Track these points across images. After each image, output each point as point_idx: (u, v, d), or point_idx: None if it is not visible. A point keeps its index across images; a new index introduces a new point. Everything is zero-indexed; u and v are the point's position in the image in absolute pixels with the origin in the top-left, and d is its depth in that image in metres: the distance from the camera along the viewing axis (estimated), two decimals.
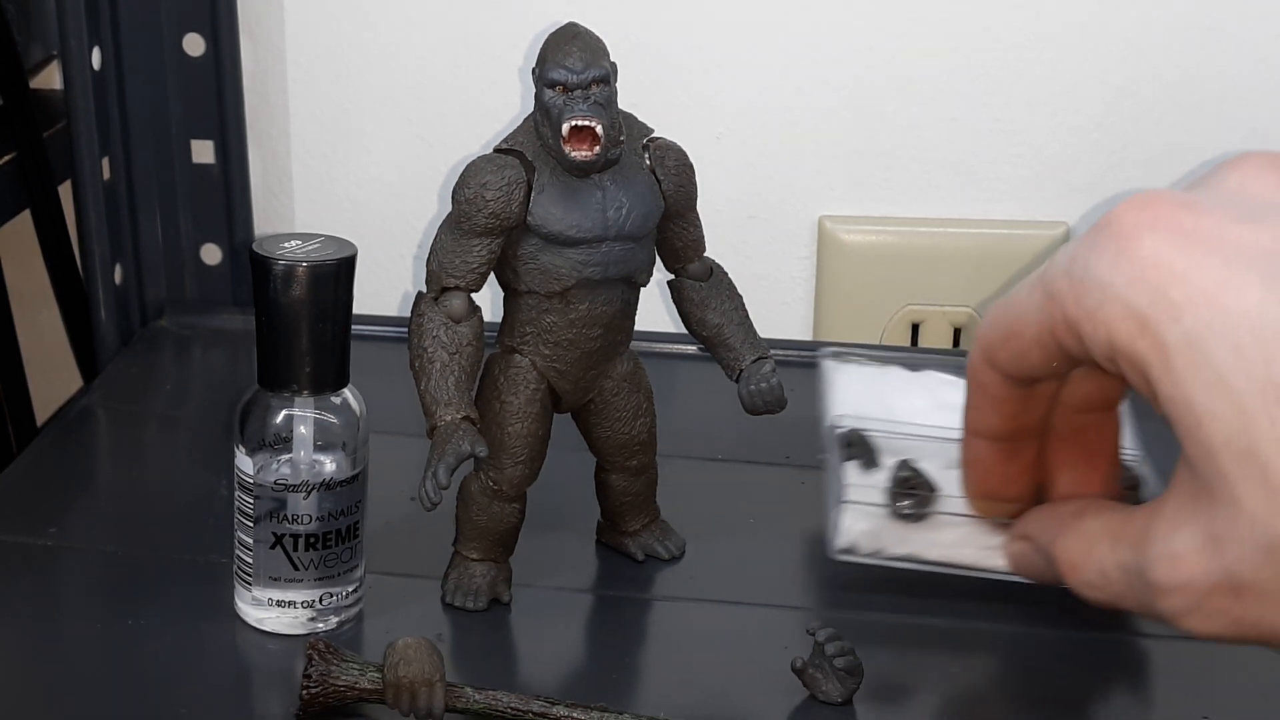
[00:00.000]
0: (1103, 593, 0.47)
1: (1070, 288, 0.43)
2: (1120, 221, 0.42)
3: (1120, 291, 0.41)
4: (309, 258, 0.55)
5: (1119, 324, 0.41)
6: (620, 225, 0.57)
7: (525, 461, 0.60)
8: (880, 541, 0.62)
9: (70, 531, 0.65)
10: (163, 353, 0.84)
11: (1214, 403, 0.39)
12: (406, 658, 0.52)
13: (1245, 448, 0.39)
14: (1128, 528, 0.45)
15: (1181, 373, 0.40)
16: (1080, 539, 0.47)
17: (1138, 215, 0.42)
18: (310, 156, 0.91)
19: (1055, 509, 0.51)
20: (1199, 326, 0.40)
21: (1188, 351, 0.40)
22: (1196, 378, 0.39)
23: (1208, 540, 0.40)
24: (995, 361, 0.48)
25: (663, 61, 0.87)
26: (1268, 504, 0.38)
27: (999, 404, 0.50)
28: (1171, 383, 0.40)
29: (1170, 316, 0.40)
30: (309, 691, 0.53)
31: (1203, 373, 0.39)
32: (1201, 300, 0.40)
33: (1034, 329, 0.45)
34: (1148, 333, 0.41)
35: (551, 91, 0.55)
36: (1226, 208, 0.42)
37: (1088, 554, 0.47)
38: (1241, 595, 0.40)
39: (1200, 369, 0.39)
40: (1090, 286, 0.42)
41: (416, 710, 0.52)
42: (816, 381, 0.70)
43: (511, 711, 0.53)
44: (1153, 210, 0.42)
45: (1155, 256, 0.41)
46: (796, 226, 0.90)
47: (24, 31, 0.84)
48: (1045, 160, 0.88)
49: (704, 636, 0.60)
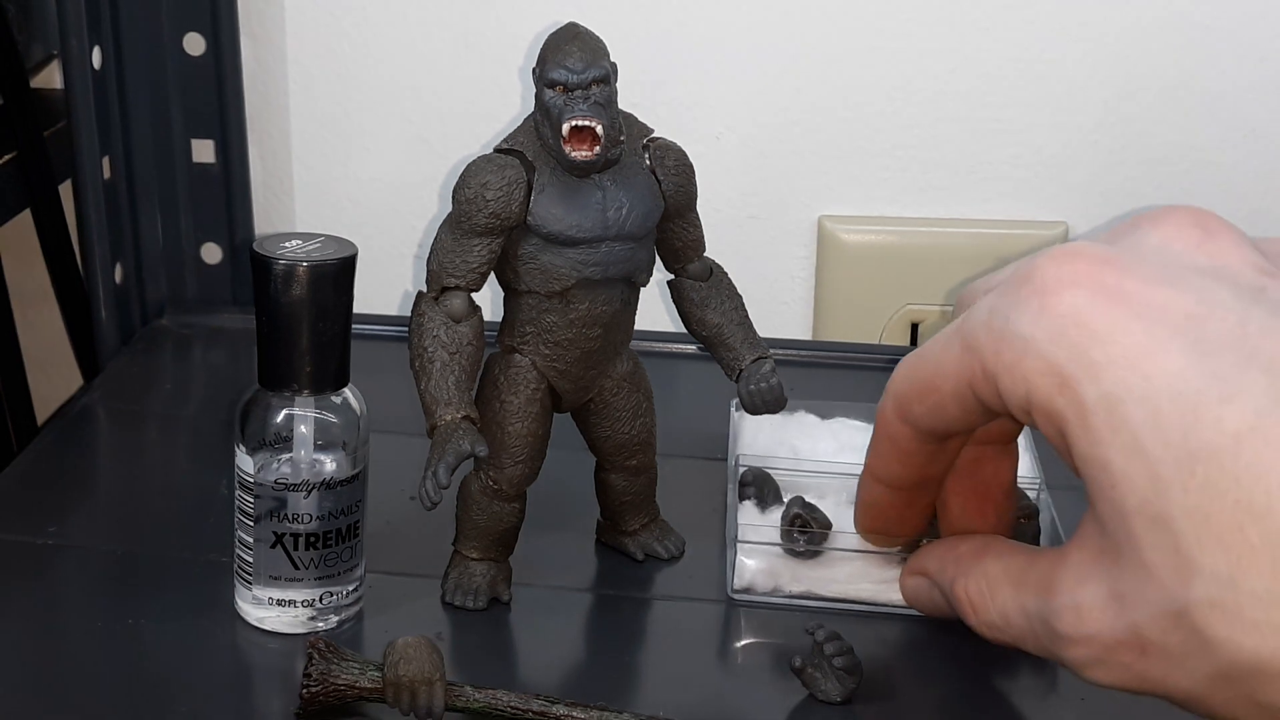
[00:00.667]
0: (1004, 634, 0.46)
1: (990, 340, 0.42)
2: (1042, 275, 0.41)
3: (1041, 347, 0.41)
4: (309, 257, 0.55)
5: (1038, 379, 0.41)
6: (620, 225, 0.57)
7: (525, 461, 0.60)
8: (776, 580, 0.62)
9: (70, 531, 0.65)
10: (163, 352, 0.85)
11: (1129, 467, 0.39)
12: (407, 656, 0.52)
13: (1157, 514, 0.38)
14: (1031, 573, 0.44)
15: (1098, 433, 0.39)
16: (981, 580, 0.47)
17: (1059, 270, 0.41)
18: (310, 156, 0.91)
19: (953, 546, 0.50)
20: (1118, 389, 0.39)
21: (1106, 413, 0.39)
22: (1113, 440, 0.39)
23: (1113, 597, 0.40)
24: (909, 415, 0.47)
25: (663, 61, 0.87)
26: (1176, 572, 0.38)
27: (907, 457, 0.49)
28: (1088, 442, 0.40)
29: (1089, 376, 0.40)
30: (309, 690, 0.53)
31: (1120, 436, 0.39)
32: (1122, 363, 0.39)
33: (952, 382, 0.44)
34: (1067, 390, 0.40)
35: (551, 91, 0.55)
36: (1148, 266, 0.41)
37: (989, 596, 0.46)
38: (1146, 653, 0.40)
39: (1117, 432, 0.39)
40: (1010, 340, 0.42)
41: (416, 709, 0.52)
42: (817, 381, 0.70)
43: (511, 710, 0.53)
44: (1075, 265, 0.41)
45: (1076, 314, 0.40)
46: (796, 226, 0.90)
47: (24, 31, 0.84)
48: (1045, 160, 0.88)
49: (703, 636, 0.60)
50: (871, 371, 0.84)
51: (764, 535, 0.62)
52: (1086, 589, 0.41)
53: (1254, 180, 0.88)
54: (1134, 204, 0.89)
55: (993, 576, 0.46)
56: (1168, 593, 0.38)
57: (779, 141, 0.89)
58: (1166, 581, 0.38)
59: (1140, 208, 0.89)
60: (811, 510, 0.62)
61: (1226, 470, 0.37)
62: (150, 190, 0.86)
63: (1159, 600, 0.38)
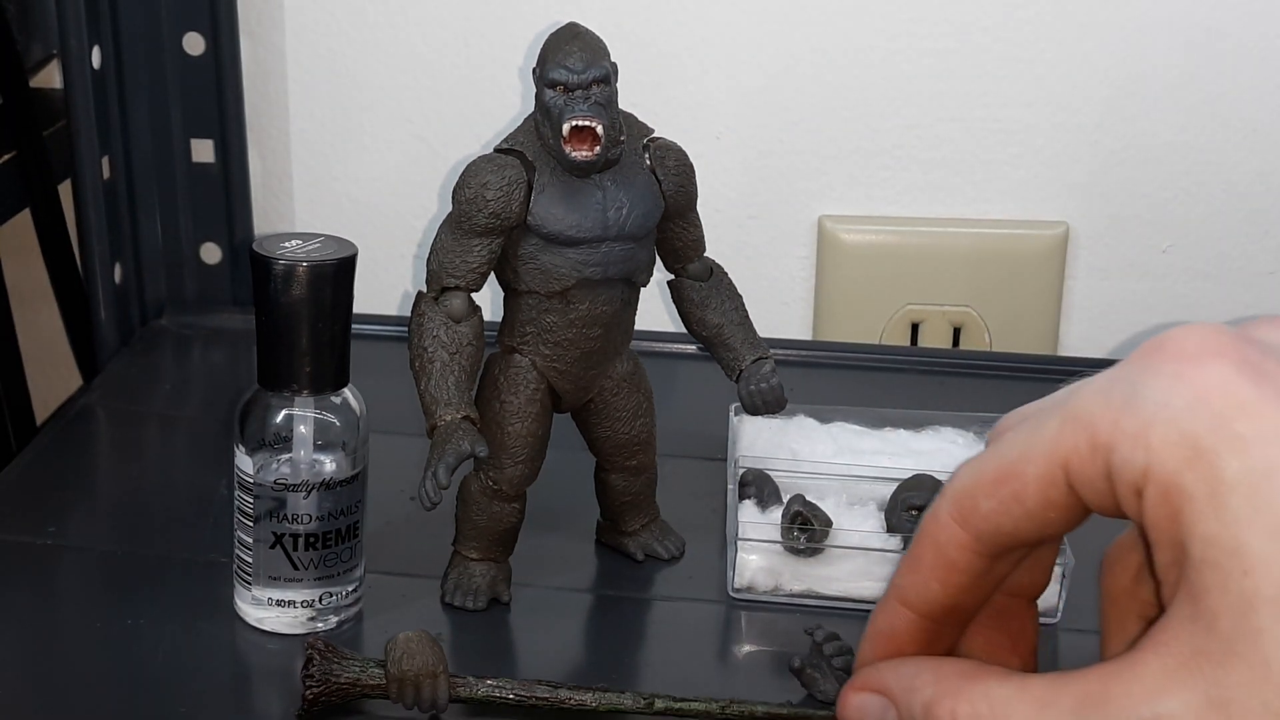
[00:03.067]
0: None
1: (1107, 410, 0.38)
2: (1180, 343, 0.38)
3: (1176, 414, 0.37)
4: (309, 257, 0.55)
5: (1166, 450, 0.37)
6: (620, 225, 0.57)
7: (525, 461, 0.60)
8: (777, 578, 0.62)
9: (70, 531, 0.65)
10: (163, 352, 0.84)
11: (1273, 550, 0.35)
12: (409, 651, 0.53)
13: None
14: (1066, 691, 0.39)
15: (1236, 512, 0.36)
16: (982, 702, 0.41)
17: (1200, 339, 0.38)
18: (310, 156, 0.91)
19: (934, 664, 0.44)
20: (1268, 465, 0.36)
21: (1248, 490, 0.36)
22: (1254, 520, 0.36)
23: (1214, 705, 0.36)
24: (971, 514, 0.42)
25: (663, 61, 0.87)
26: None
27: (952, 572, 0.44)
28: (1219, 522, 0.36)
29: (1232, 450, 0.36)
30: (312, 691, 0.53)
31: (1263, 516, 0.36)
32: (1273, 438, 0.36)
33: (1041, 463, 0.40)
34: (1200, 463, 0.37)
35: (552, 91, 0.55)
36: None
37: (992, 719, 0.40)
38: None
39: (1260, 512, 0.36)
40: (1137, 406, 0.38)
41: (420, 702, 0.53)
42: (817, 381, 0.70)
43: (515, 699, 0.53)
44: (1215, 337, 0.38)
45: (1222, 384, 0.37)
46: (796, 226, 0.90)
47: (24, 31, 0.84)
48: (1045, 160, 0.88)
49: (703, 636, 0.60)
50: (872, 371, 0.84)
51: (765, 533, 0.62)
52: (1173, 698, 0.36)
53: (1254, 180, 0.88)
54: (1134, 204, 0.89)
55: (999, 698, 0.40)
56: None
57: (779, 141, 0.89)
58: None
59: (1140, 207, 0.89)
60: (812, 508, 0.62)
61: None
62: (150, 190, 0.86)
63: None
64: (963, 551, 0.43)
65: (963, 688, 0.41)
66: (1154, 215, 0.89)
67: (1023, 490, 0.41)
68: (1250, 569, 0.36)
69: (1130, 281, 0.90)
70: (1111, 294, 0.91)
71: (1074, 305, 0.91)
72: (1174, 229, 0.89)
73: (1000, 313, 0.89)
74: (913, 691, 0.43)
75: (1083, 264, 0.90)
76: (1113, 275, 0.90)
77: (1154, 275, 0.90)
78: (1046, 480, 0.40)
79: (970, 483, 0.42)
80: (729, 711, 0.54)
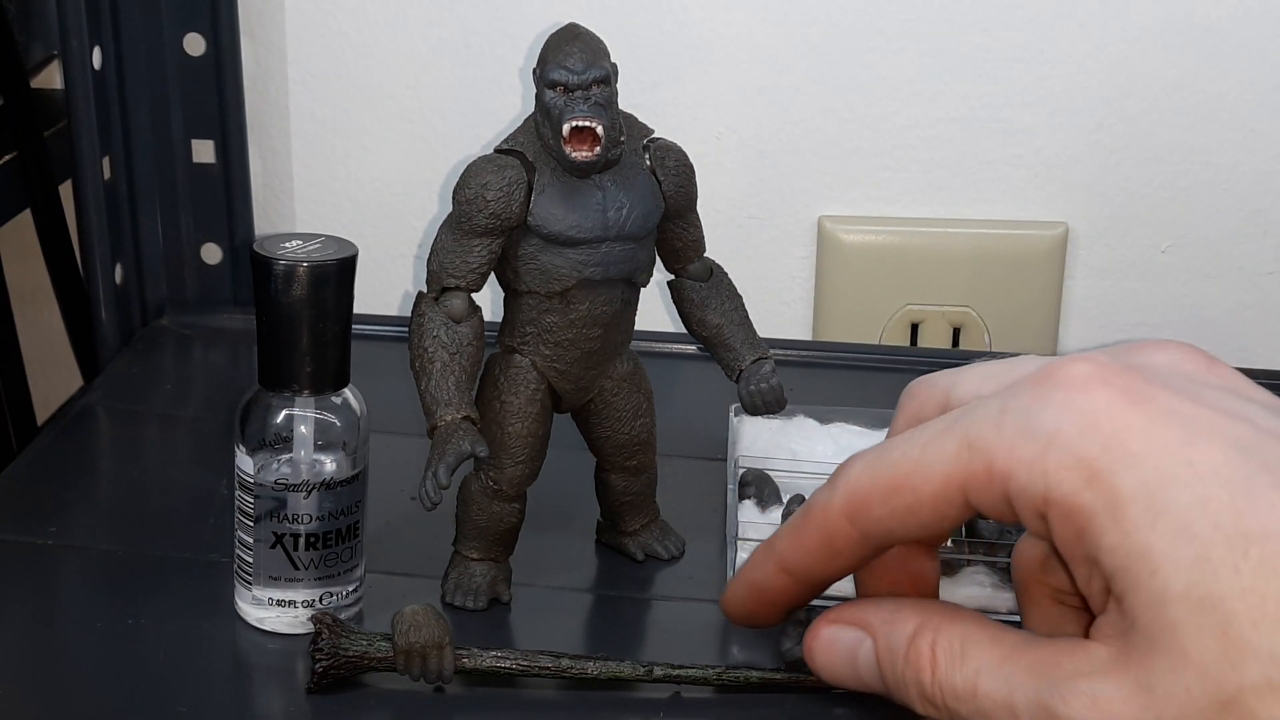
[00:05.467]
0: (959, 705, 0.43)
1: (1002, 439, 0.41)
2: (1067, 373, 0.41)
3: (1069, 440, 0.40)
4: (310, 258, 0.55)
5: (1062, 474, 0.40)
6: (620, 226, 0.57)
7: (525, 461, 0.60)
8: None
9: (70, 531, 0.65)
10: (163, 352, 0.85)
11: (1175, 550, 0.38)
12: (416, 624, 0.54)
13: (1204, 597, 0.37)
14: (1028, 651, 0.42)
15: (1136, 520, 0.38)
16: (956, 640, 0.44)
17: (1086, 369, 0.40)
18: (310, 156, 0.91)
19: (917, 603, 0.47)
20: (1159, 476, 0.38)
21: (1146, 499, 0.38)
22: (1155, 525, 0.38)
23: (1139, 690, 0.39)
24: (864, 517, 0.45)
25: (663, 62, 0.87)
26: (1225, 656, 0.37)
27: (835, 558, 0.47)
28: (1121, 532, 0.39)
29: (1127, 466, 0.39)
30: (321, 664, 0.54)
31: (1163, 520, 0.38)
32: (1163, 452, 0.39)
33: (937, 482, 0.43)
34: (1098, 482, 0.39)
35: (552, 92, 0.55)
36: (1168, 379, 0.41)
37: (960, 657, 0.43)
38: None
39: (1160, 516, 0.38)
40: (1031, 435, 0.40)
41: (427, 674, 0.54)
42: (817, 382, 0.70)
43: (519, 669, 0.55)
44: (1102, 367, 0.41)
45: (1110, 409, 0.40)
46: (796, 226, 0.90)
47: (24, 31, 0.84)
48: (1045, 160, 0.88)
49: (703, 636, 0.60)
50: (872, 372, 0.84)
51: (765, 533, 0.62)
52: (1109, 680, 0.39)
53: (1254, 180, 0.88)
54: (1134, 204, 0.89)
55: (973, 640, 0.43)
56: (1213, 680, 0.37)
57: (779, 141, 0.89)
58: (1211, 668, 0.37)
59: (1140, 208, 0.89)
60: None
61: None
62: (150, 190, 0.86)
63: (1200, 690, 0.37)
64: (849, 544, 0.46)
65: (943, 625, 0.44)
66: (1154, 215, 0.89)
67: (917, 505, 0.43)
68: (1157, 569, 0.38)
69: (1130, 281, 0.90)
70: (1111, 294, 0.91)
71: (1073, 305, 0.91)
72: (1174, 229, 0.89)
73: (1000, 313, 0.89)
74: (895, 624, 0.46)
75: (1082, 264, 0.90)
76: (1112, 275, 0.90)
77: (1154, 275, 0.90)
78: (942, 499, 0.43)
79: (866, 485, 0.44)
80: (724, 677, 0.55)
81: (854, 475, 0.45)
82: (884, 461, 0.44)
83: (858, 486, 0.45)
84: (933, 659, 0.44)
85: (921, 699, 0.44)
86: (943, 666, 0.44)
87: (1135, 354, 0.44)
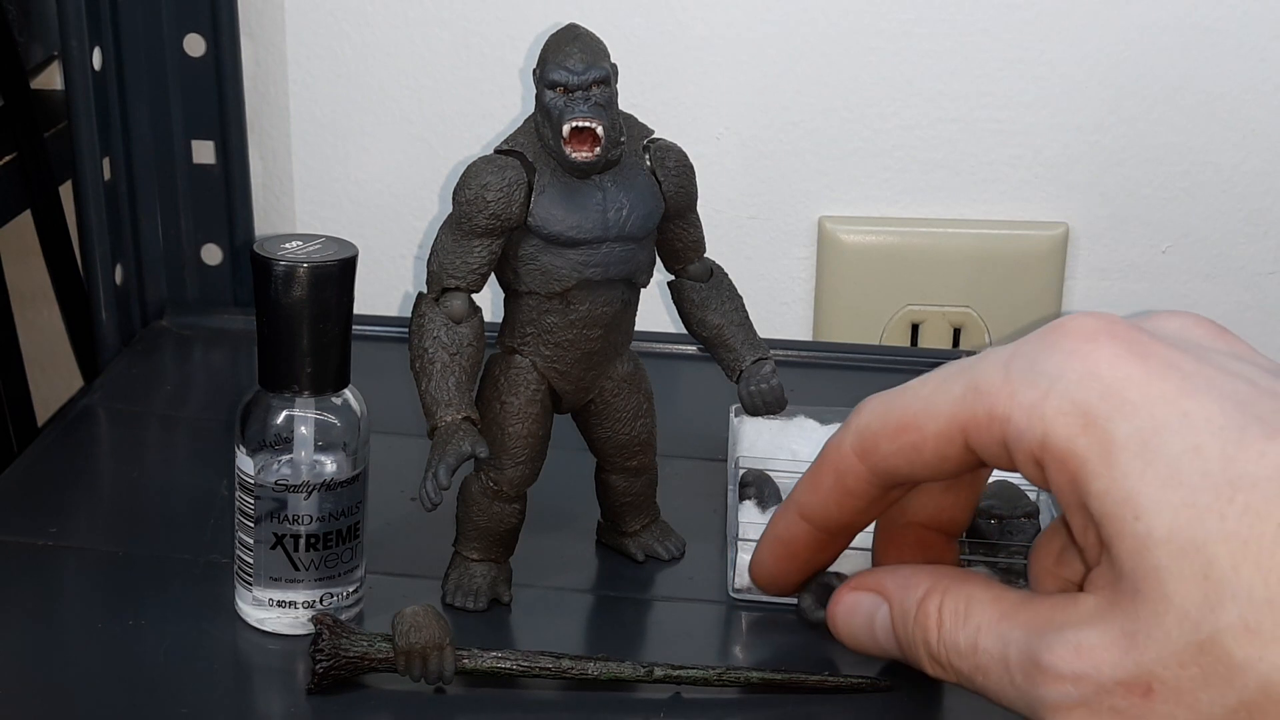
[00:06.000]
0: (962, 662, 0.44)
1: (1006, 382, 0.42)
2: (1077, 326, 0.42)
3: (1067, 387, 0.41)
4: (310, 258, 0.55)
5: (1059, 419, 0.41)
6: (621, 226, 0.57)
7: (525, 462, 0.60)
8: None
9: (70, 531, 0.65)
10: (163, 353, 0.85)
11: (1162, 496, 0.38)
12: (417, 624, 0.54)
13: (1189, 542, 0.38)
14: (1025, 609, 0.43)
15: (1126, 466, 0.39)
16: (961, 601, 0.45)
17: (1096, 324, 0.42)
18: (310, 156, 0.91)
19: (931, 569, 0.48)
20: (1153, 424, 0.39)
21: (1138, 446, 0.39)
22: (1145, 472, 0.39)
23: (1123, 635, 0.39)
24: (872, 454, 0.46)
25: (663, 61, 0.87)
26: (1205, 599, 0.37)
27: (849, 498, 0.48)
28: (1110, 478, 0.39)
29: (1122, 414, 0.40)
30: (322, 665, 0.54)
31: (1153, 468, 0.39)
32: (1159, 401, 0.39)
33: (941, 422, 0.44)
34: (1092, 429, 0.40)
35: (552, 92, 0.55)
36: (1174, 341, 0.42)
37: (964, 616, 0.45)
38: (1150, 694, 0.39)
39: (1151, 464, 0.39)
40: (1033, 380, 0.41)
41: (427, 674, 0.54)
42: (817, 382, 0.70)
43: (519, 669, 0.55)
44: (1110, 323, 0.42)
45: (1111, 360, 0.41)
46: (796, 226, 0.90)
47: (24, 31, 0.84)
48: (1045, 160, 0.88)
49: (703, 636, 0.60)
50: (872, 373, 0.83)
51: None
52: (1093, 628, 0.40)
53: (1254, 180, 0.88)
54: (1134, 204, 0.89)
55: (977, 599, 0.45)
56: (1191, 622, 0.38)
57: (779, 142, 0.89)
58: (1191, 611, 0.38)
59: (1140, 208, 0.89)
60: None
61: (1270, 497, 0.37)
62: (150, 191, 0.86)
63: (1179, 633, 0.38)
64: (860, 482, 0.47)
65: (951, 587, 0.46)
66: (1154, 215, 0.89)
67: (921, 443, 0.45)
68: (1141, 514, 0.39)
69: (1130, 282, 0.91)
70: (1111, 294, 0.91)
71: (1074, 306, 0.91)
72: (1174, 229, 0.89)
73: (1000, 313, 0.89)
74: (909, 588, 0.47)
75: (1083, 264, 0.90)
76: (1112, 275, 0.90)
77: (1154, 276, 0.90)
78: (944, 439, 0.44)
79: (875, 424, 0.46)
80: (724, 678, 0.55)
81: (865, 414, 0.47)
82: (896, 401, 0.46)
83: (868, 424, 0.46)
84: (939, 619, 0.45)
85: (929, 659, 0.46)
86: (948, 625, 0.45)
87: (1146, 320, 0.45)
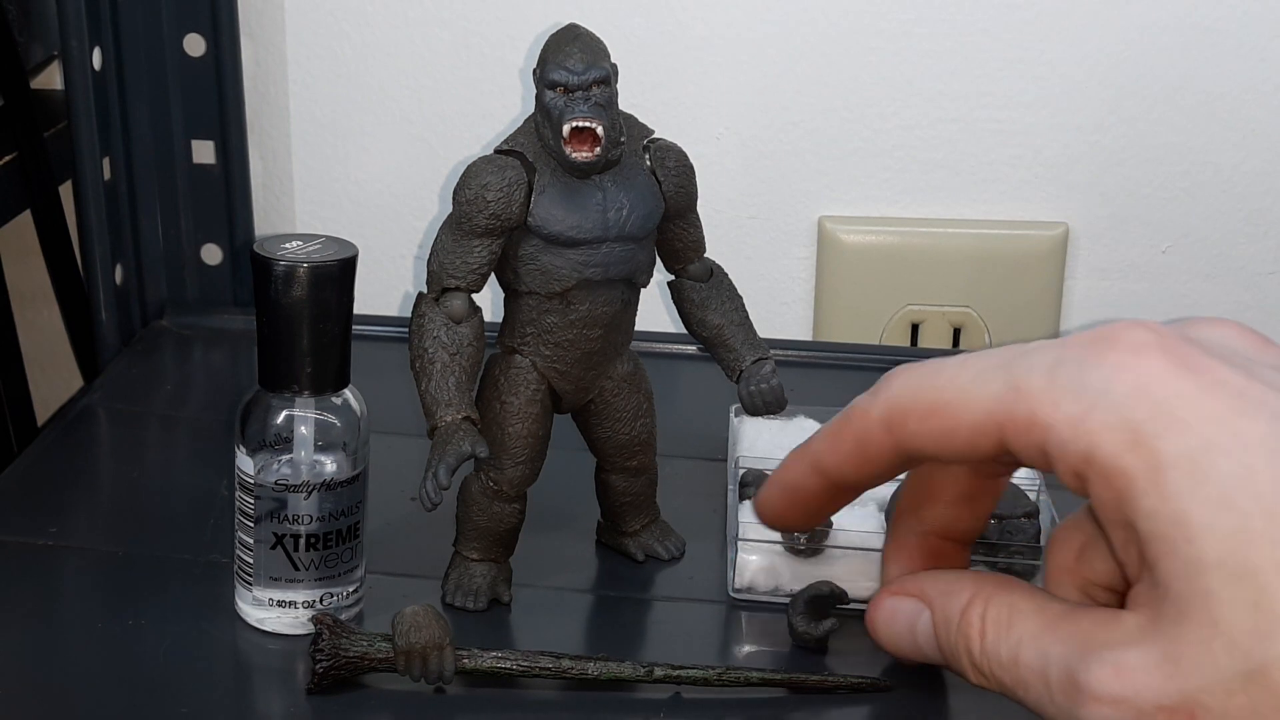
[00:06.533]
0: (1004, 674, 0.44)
1: (1050, 390, 0.41)
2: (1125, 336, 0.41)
3: (1116, 402, 0.40)
4: (310, 258, 0.55)
5: (1106, 434, 0.40)
6: (621, 226, 0.57)
7: (525, 462, 0.60)
8: (777, 578, 0.62)
9: (70, 531, 0.65)
10: (163, 353, 0.85)
11: (1213, 519, 0.37)
12: (416, 624, 0.54)
13: (1240, 567, 0.37)
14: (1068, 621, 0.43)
15: (1176, 486, 0.38)
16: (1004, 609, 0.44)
17: (1143, 335, 0.41)
18: (310, 156, 0.91)
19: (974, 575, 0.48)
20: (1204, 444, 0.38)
21: (1189, 466, 0.38)
22: (1195, 493, 0.38)
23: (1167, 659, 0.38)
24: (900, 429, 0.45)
25: (663, 61, 0.87)
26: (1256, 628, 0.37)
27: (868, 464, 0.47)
28: (1160, 497, 0.38)
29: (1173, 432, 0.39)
30: (322, 665, 0.54)
31: (1204, 489, 0.38)
32: (1211, 420, 0.38)
33: (977, 415, 0.43)
34: (1141, 447, 0.39)
35: (552, 92, 0.55)
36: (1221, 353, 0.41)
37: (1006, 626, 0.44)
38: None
39: (1201, 485, 0.38)
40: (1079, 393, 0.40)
41: (427, 674, 0.54)
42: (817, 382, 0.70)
43: (519, 669, 0.55)
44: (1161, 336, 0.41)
45: (1161, 375, 0.40)
46: (796, 226, 0.90)
47: (24, 31, 0.84)
48: (1045, 160, 0.88)
49: (703, 636, 0.60)
50: (872, 372, 0.83)
51: (765, 534, 0.62)
52: (1136, 650, 0.39)
53: (1254, 180, 0.88)
54: (1134, 204, 0.89)
55: (1021, 609, 0.44)
56: (1241, 651, 0.37)
57: (779, 142, 0.89)
58: (1241, 639, 0.37)
59: (1140, 208, 0.89)
60: None
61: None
62: (150, 191, 0.86)
63: (1228, 661, 0.37)
64: (882, 451, 0.46)
65: (994, 594, 0.45)
66: (1154, 215, 0.89)
67: (954, 430, 0.43)
68: (1193, 537, 0.38)
69: (1130, 282, 0.91)
70: (1111, 294, 0.91)
71: (1074, 306, 0.91)
72: (1174, 229, 0.89)
73: (1000, 313, 0.89)
74: (952, 595, 0.46)
75: (1083, 264, 0.90)
76: (1112, 276, 0.90)
77: (1154, 276, 0.90)
78: (979, 431, 0.43)
79: (907, 401, 0.45)
80: (724, 677, 0.55)
81: (897, 388, 0.45)
82: (930, 382, 0.45)
83: (899, 400, 0.45)
84: (982, 629, 0.44)
85: (972, 668, 0.45)
86: (990, 636, 0.44)
87: (1191, 329, 0.44)
